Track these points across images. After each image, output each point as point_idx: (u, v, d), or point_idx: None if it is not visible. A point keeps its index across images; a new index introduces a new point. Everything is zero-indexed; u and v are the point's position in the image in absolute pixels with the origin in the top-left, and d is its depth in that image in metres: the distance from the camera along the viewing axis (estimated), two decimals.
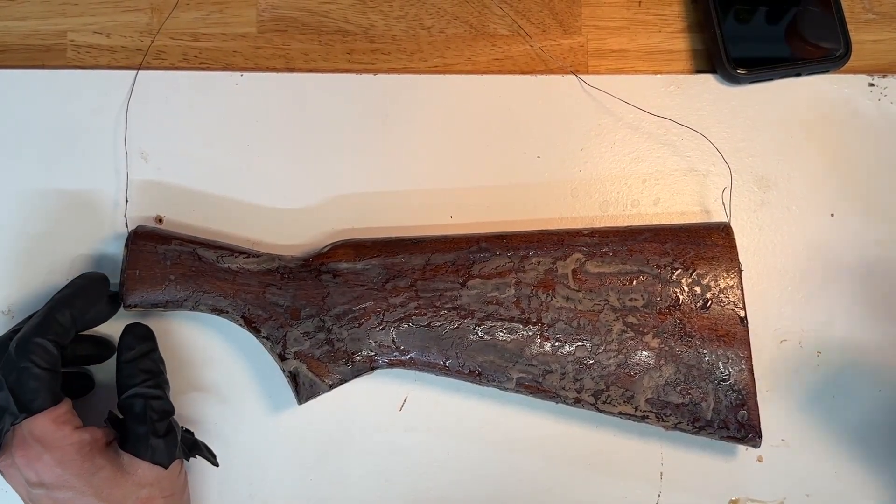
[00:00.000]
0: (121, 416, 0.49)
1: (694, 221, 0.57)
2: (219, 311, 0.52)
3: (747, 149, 0.59)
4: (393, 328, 0.52)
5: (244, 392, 0.55)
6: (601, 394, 0.52)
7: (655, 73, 0.60)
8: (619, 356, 0.53)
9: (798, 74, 0.59)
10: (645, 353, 0.53)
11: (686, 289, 0.54)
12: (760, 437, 0.52)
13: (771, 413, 0.55)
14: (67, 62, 0.58)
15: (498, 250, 0.54)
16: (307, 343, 0.52)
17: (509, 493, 0.55)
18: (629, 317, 0.53)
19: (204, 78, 0.57)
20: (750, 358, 0.53)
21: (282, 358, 0.52)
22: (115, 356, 0.51)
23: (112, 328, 0.52)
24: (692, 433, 0.53)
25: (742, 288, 0.54)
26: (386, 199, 0.57)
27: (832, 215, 0.59)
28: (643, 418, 0.52)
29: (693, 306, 0.53)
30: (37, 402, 0.46)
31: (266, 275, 0.52)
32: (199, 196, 0.56)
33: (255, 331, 0.52)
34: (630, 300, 0.53)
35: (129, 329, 0.51)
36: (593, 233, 0.54)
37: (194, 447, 0.51)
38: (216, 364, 0.55)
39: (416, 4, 0.60)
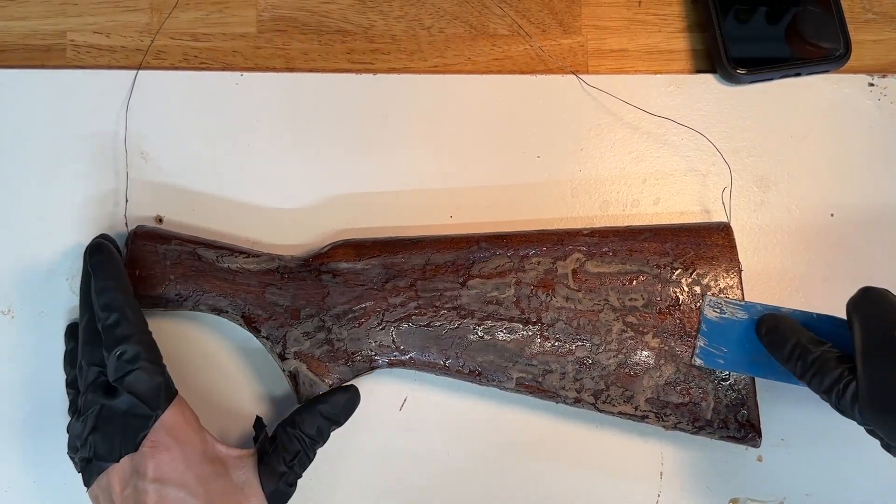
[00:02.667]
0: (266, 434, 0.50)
1: (694, 221, 0.57)
2: (219, 311, 0.52)
3: (747, 149, 0.59)
4: (393, 328, 0.52)
5: (244, 392, 0.55)
6: (601, 393, 0.52)
7: (655, 73, 0.60)
8: (619, 356, 0.53)
9: (798, 74, 0.59)
10: (645, 352, 0.53)
11: (686, 289, 0.54)
12: (760, 436, 0.52)
13: (771, 413, 0.55)
14: (67, 62, 0.58)
15: (498, 250, 0.54)
16: (307, 343, 0.52)
17: (509, 493, 0.55)
18: (629, 316, 0.53)
19: (204, 78, 0.57)
20: None
21: (282, 358, 0.52)
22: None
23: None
24: (692, 433, 0.53)
25: (742, 288, 0.54)
26: (386, 199, 0.57)
27: (832, 215, 0.59)
28: (643, 418, 0.52)
29: (693, 306, 0.53)
30: (161, 397, 0.46)
31: (266, 275, 0.52)
32: (199, 196, 0.56)
33: (255, 330, 0.52)
34: (630, 300, 0.54)
35: (349, 389, 0.52)
36: (593, 233, 0.54)
37: None
38: (216, 364, 0.55)
39: (416, 4, 0.60)
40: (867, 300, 0.45)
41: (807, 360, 0.47)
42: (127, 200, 0.55)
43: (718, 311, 0.53)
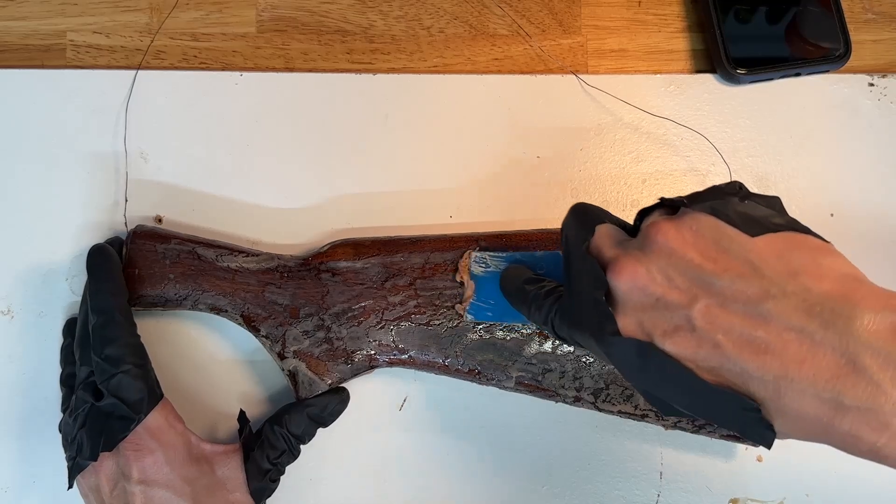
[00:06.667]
0: (248, 429, 0.51)
1: None
2: (218, 310, 0.52)
3: (747, 149, 0.59)
4: (392, 327, 0.52)
5: (243, 392, 0.55)
6: (601, 392, 0.52)
7: (655, 73, 0.60)
8: None
9: (798, 74, 0.59)
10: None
11: None
12: None
13: None
14: (67, 62, 0.58)
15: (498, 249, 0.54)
16: (306, 342, 0.52)
17: (509, 492, 0.55)
18: None
19: (204, 78, 0.58)
20: None
21: (281, 357, 0.52)
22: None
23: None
24: (692, 432, 0.52)
25: None
26: (386, 199, 0.57)
27: (832, 215, 0.59)
28: (643, 417, 0.52)
29: None
30: (144, 402, 0.46)
31: (265, 274, 0.52)
32: (199, 196, 0.56)
33: (255, 330, 0.52)
34: None
35: (339, 392, 0.52)
36: None
37: None
38: (215, 364, 0.55)
39: (415, 4, 0.60)
40: (571, 218, 0.43)
41: (527, 299, 0.45)
42: (126, 200, 0.55)
43: (483, 265, 0.53)
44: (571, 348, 0.52)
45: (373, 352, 0.52)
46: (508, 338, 0.52)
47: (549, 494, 0.55)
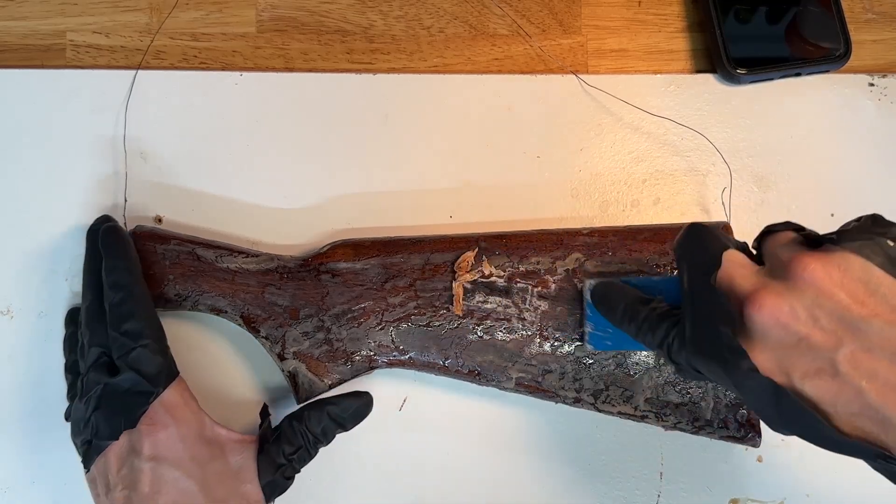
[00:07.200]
0: (267, 425, 0.50)
1: None
2: (218, 311, 0.52)
3: (747, 149, 0.59)
4: (392, 328, 0.52)
5: (243, 392, 0.55)
6: (600, 393, 0.52)
7: (655, 72, 0.60)
8: (618, 356, 0.53)
9: (798, 74, 0.59)
10: (644, 352, 0.53)
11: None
12: (760, 436, 0.52)
13: None
14: (67, 62, 0.58)
15: (497, 250, 0.54)
16: (306, 343, 0.52)
17: (509, 493, 0.55)
18: None
19: (203, 78, 0.57)
20: None
21: (281, 358, 0.52)
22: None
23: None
24: (692, 433, 0.53)
25: None
26: (386, 199, 0.57)
27: (832, 215, 0.59)
28: (642, 418, 0.52)
29: None
30: (162, 375, 0.46)
31: (265, 274, 0.52)
32: (199, 196, 0.56)
33: (254, 331, 0.52)
34: None
35: (362, 396, 0.51)
36: (593, 233, 0.54)
37: None
38: (216, 364, 0.55)
39: (415, 4, 0.60)
40: (689, 242, 0.42)
41: (638, 320, 0.44)
42: (126, 200, 0.55)
43: None
44: (571, 349, 0.53)
45: (372, 353, 0.52)
46: (508, 339, 0.52)
47: (549, 494, 0.55)
